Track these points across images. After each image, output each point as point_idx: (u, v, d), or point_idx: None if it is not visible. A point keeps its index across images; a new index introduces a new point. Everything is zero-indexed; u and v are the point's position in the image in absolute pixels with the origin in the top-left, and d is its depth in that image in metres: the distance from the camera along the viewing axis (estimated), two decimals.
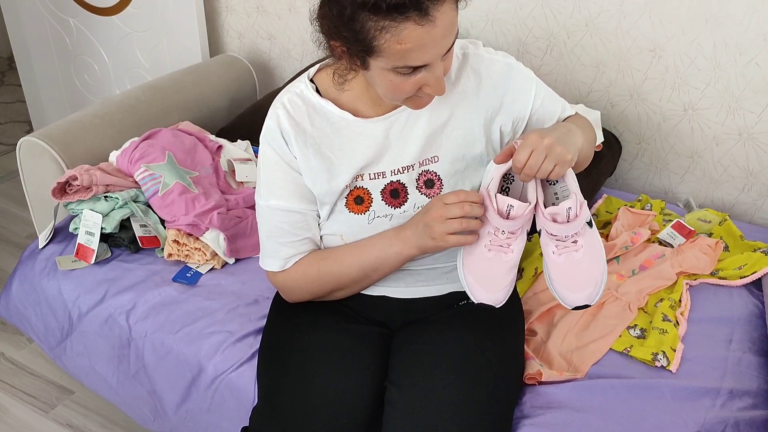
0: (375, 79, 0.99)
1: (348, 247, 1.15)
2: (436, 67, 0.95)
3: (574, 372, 1.26)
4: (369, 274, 1.15)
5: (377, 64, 0.95)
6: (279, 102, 1.12)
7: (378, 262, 1.12)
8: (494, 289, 1.06)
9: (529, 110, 1.14)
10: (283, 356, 1.17)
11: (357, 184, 1.12)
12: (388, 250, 1.11)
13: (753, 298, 1.46)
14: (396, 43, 0.90)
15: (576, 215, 1.01)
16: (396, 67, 0.93)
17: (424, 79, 0.96)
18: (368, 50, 0.93)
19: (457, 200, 1.02)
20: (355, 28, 0.91)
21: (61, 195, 1.56)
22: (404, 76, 0.95)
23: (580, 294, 1.05)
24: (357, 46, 0.93)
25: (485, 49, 1.13)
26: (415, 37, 0.89)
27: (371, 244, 1.13)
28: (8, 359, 1.91)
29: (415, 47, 0.90)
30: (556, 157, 0.96)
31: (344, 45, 0.95)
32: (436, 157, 1.12)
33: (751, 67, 1.69)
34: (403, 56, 0.91)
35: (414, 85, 0.97)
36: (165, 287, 1.48)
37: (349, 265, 1.14)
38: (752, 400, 1.21)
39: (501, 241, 1.03)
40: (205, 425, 1.36)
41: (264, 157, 1.13)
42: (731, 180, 1.85)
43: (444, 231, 1.03)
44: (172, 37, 2.31)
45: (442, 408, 1.05)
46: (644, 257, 1.55)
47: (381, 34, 0.89)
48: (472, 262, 1.06)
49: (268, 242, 1.16)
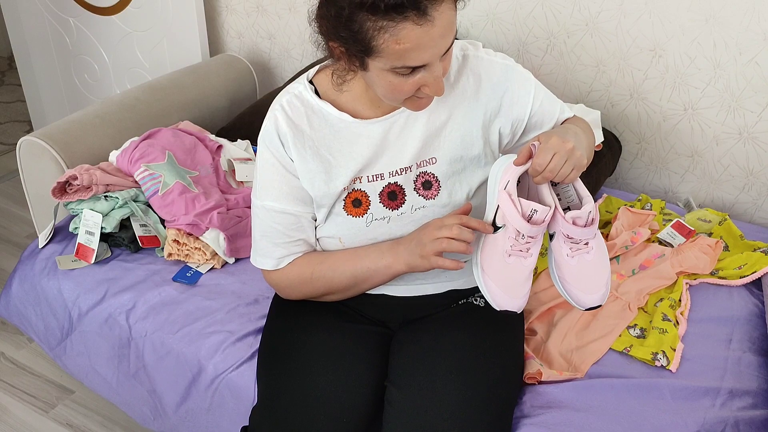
0: (374, 80, 0.98)
1: (344, 253, 1.15)
2: (435, 68, 0.95)
3: (574, 372, 1.26)
4: (359, 283, 1.15)
5: (376, 64, 0.95)
6: (278, 104, 1.12)
7: (368, 273, 1.13)
8: (517, 295, 1.04)
9: (528, 112, 1.14)
10: (283, 356, 1.17)
11: (355, 186, 1.12)
12: (379, 262, 1.11)
13: (753, 298, 1.46)
14: (394, 43, 0.89)
15: (593, 219, 1.01)
16: (394, 68, 0.93)
17: (423, 79, 0.96)
18: (367, 51, 0.92)
19: (456, 222, 1.02)
20: (354, 29, 0.91)
21: (61, 195, 1.56)
22: (403, 76, 0.95)
23: (594, 295, 1.05)
24: (355, 46, 0.93)
25: (485, 51, 1.13)
26: (414, 37, 0.89)
27: (365, 254, 1.13)
28: (8, 359, 1.91)
29: (413, 47, 0.90)
30: (575, 161, 0.97)
31: (343, 46, 0.95)
32: (434, 158, 1.12)
33: (751, 67, 1.69)
34: (401, 56, 0.91)
35: (413, 86, 0.97)
36: (165, 287, 1.48)
37: (342, 272, 1.14)
38: (752, 400, 1.21)
39: (521, 245, 1.02)
40: (205, 425, 1.36)
41: (261, 158, 1.13)
42: (731, 179, 1.85)
43: (433, 250, 1.02)
44: (172, 37, 2.31)
45: (442, 407, 1.05)
46: (644, 257, 1.55)
47: (379, 35, 0.89)
48: (492, 268, 1.04)
49: (262, 242, 1.17)
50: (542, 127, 1.16)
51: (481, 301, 1.23)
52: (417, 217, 1.13)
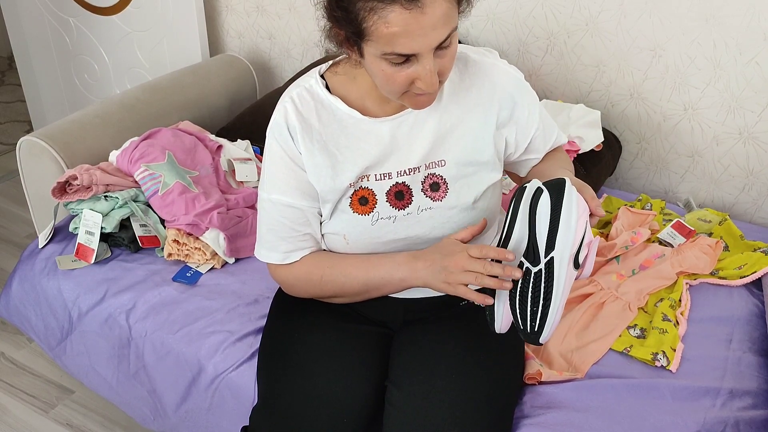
0: (370, 68, 0.99)
1: (356, 259, 1.15)
2: (427, 60, 0.94)
3: (574, 372, 1.26)
4: (370, 290, 1.15)
5: (369, 50, 0.95)
6: (288, 96, 1.12)
7: (381, 283, 1.12)
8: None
9: (532, 133, 1.16)
10: (283, 356, 1.17)
11: (362, 184, 1.12)
12: (394, 274, 1.10)
13: (753, 298, 1.46)
14: (383, 25, 0.90)
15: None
16: (385, 53, 0.93)
17: (416, 72, 0.96)
18: (359, 33, 0.93)
19: (481, 255, 1.00)
20: (348, 8, 0.92)
21: (61, 195, 1.56)
22: (395, 66, 0.95)
23: None
24: (349, 28, 0.94)
25: (502, 61, 1.15)
26: (402, 21, 0.89)
27: (379, 263, 1.12)
28: (8, 359, 1.91)
29: (401, 32, 0.90)
30: None
31: (340, 28, 0.96)
32: (443, 161, 1.12)
33: (751, 67, 1.69)
34: (390, 41, 0.91)
35: (406, 78, 0.97)
36: (165, 287, 1.48)
37: (354, 278, 1.14)
38: (752, 400, 1.21)
39: None
40: (205, 425, 1.36)
41: (269, 151, 1.13)
42: (731, 179, 1.85)
43: (460, 281, 1.01)
44: (172, 37, 2.31)
45: (443, 408, 1.05)
46: (644, 257, 1.55)
47: (369, 16, 0.90)
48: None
49: (269, 235, 1.16)
50: (537, 150, 1.18)
51: None
52: (423, 218, 1.13)
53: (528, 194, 0.98)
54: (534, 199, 0.96)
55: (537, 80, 1.99)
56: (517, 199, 0.98)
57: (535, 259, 0.94)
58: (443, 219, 1.13)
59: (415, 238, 1.14)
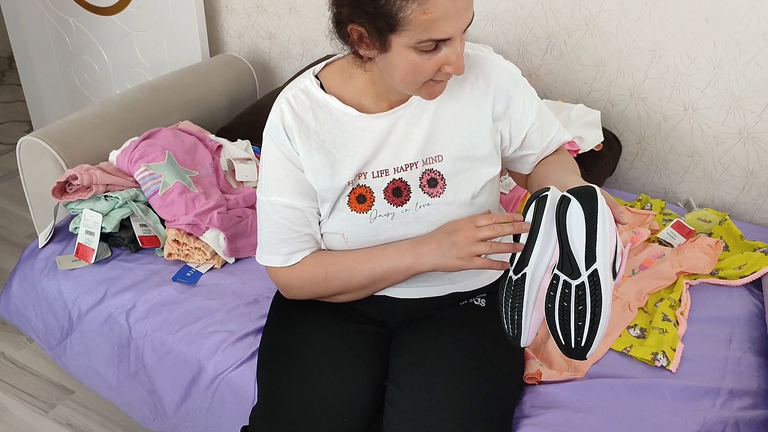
0: (394, 61, 0.98)
1: (359, 253, 1.15)
2: (458, 43, 0.96)
3: (574, 372, 1.26)
4: (376, 282, 1.15)
5: (400, 41, 0.95)
6: (283, 97, 1.12)
7: (388, 273, 1.13)
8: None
9: (528, 127, 1.16)
10: (283, 356, 1.17)
11: (360, 182, 1.12)
12: (401, 262, 1.11)
13: (753, 298, 1.46)
14: (422, 13, 0.91)
15: None
16: (420, 41, 0.94)
17: (446, 57, 0.97)
18: (392, 25, 0.93)
19: (489, 222, 1.02)
20: (380, 2, 0.92)
21: (61, 194, 1.56)
22: (426, 53, 0.96)
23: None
24: (380, 22, 0.94)
25: (497, 55, 1.15)
26: (441, 6, 0.91)
27: (384, 254, 1.13)
28: (8, 359, 1.91)
29: (440, 17, 0.92)
30: None
31: (364, 25, 0.96)
32: (440, 156, 1.12)
33: (751, 67, 1.69)
34: (428, 28, 0.92)
35: (434, 65, 0.98)
36: (165, 287, 1.48)
37: (359, 272, 1.14)
38: (752, 400, 1.21)
39: None
40: (205, 425, 1.36)
41: (266, 153, 1.13)
42: (731, 179, 1.85)
43: (473, 252, 1.03)
44: (172, 37, 2.31)
45: (443, 408, 1.05)
46: (644, 257, 1.55)
47: (407, 5, 0.91)
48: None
49: (269, 238, 1.16)
50: (533, 146, 1.18)
51: (482, 302, 1.23)
52: (421, 215, 1.13)
53: (551, 204, 0.94)
54: (561, 209, 0.93)
55: (537, 80, 1.99)
56: (538, 211, 0.95)
57: (573, 272, 0.91)
58: (441, 215, 1.13)
59: (413, 235, 1.14)
